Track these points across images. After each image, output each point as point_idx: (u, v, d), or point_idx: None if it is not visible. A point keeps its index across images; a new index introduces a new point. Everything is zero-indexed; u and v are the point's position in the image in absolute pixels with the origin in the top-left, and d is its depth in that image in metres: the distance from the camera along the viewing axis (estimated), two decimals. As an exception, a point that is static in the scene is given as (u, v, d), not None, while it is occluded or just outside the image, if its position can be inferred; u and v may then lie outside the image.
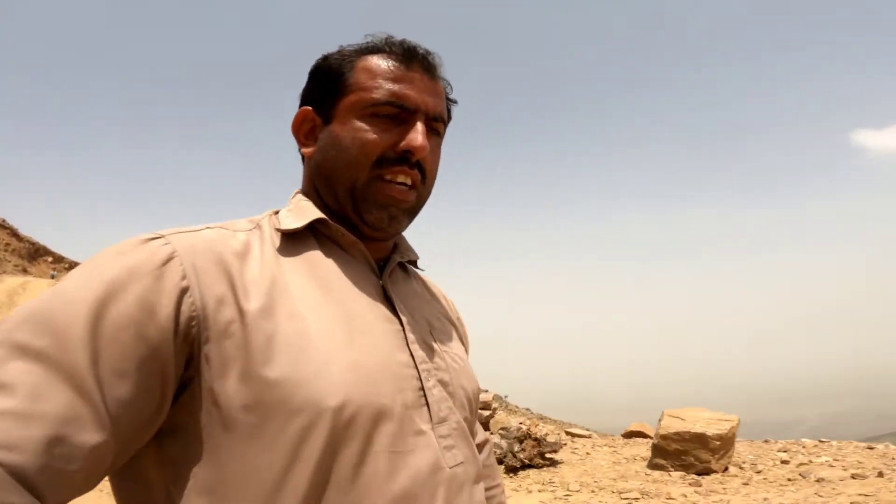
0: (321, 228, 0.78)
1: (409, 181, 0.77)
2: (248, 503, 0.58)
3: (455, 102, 0.87)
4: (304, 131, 0.82)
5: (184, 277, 0.60)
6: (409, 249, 0.88)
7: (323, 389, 0.61)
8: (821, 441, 6.88)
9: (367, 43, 0.80)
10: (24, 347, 0.51)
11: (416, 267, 0.91)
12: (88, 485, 0.52)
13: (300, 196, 0.82)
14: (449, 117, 0.86)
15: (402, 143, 0.75)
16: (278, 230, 0.75)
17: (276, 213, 0.80)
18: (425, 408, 0.69)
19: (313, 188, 0.81)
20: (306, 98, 0.83)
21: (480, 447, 0.96)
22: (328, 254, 0.75)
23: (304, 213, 0.77)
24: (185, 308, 0.59)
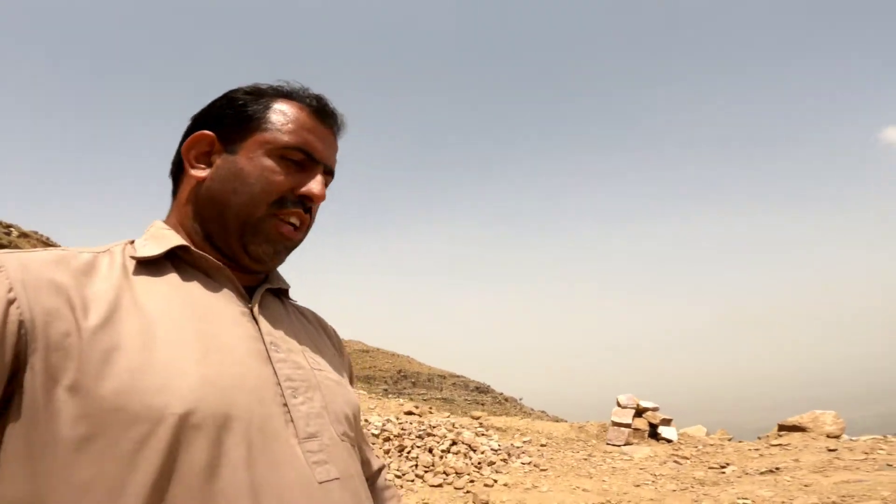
0: (183, 255, 0.77)
1: (298, 223, 0.83)
2: None
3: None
4: (197, 153, 0.82)
5: (10, 290, 0.61)
6: (280, 279, 0.91)
7: (167, 399, 0.61)
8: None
9: (284, 86, 0.85)
10: None
11: (288, 297, 0.93)
12: None
13: (161, 225, 0.82)
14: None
15: (304, 189, 0.81)
16: (133, 258, 0.74)
17: (132, 242, 0.79)
18: (291, 424, 0.69)
19: (193, 213, 0.81)
20: (206, 122, 0.84)
21: (377, 473, 0.99)
22: (189, 279, 0.76)
23: (164, 240, 0.77)
24: (12, 318, 0.60)
